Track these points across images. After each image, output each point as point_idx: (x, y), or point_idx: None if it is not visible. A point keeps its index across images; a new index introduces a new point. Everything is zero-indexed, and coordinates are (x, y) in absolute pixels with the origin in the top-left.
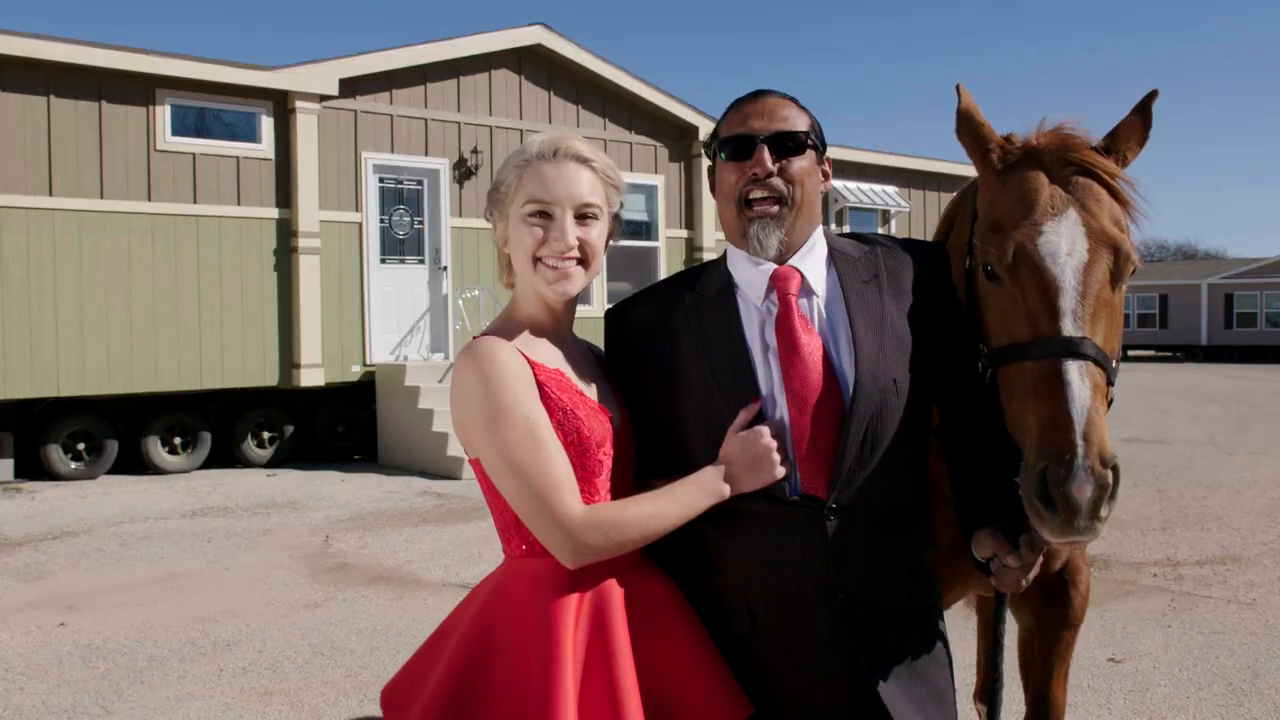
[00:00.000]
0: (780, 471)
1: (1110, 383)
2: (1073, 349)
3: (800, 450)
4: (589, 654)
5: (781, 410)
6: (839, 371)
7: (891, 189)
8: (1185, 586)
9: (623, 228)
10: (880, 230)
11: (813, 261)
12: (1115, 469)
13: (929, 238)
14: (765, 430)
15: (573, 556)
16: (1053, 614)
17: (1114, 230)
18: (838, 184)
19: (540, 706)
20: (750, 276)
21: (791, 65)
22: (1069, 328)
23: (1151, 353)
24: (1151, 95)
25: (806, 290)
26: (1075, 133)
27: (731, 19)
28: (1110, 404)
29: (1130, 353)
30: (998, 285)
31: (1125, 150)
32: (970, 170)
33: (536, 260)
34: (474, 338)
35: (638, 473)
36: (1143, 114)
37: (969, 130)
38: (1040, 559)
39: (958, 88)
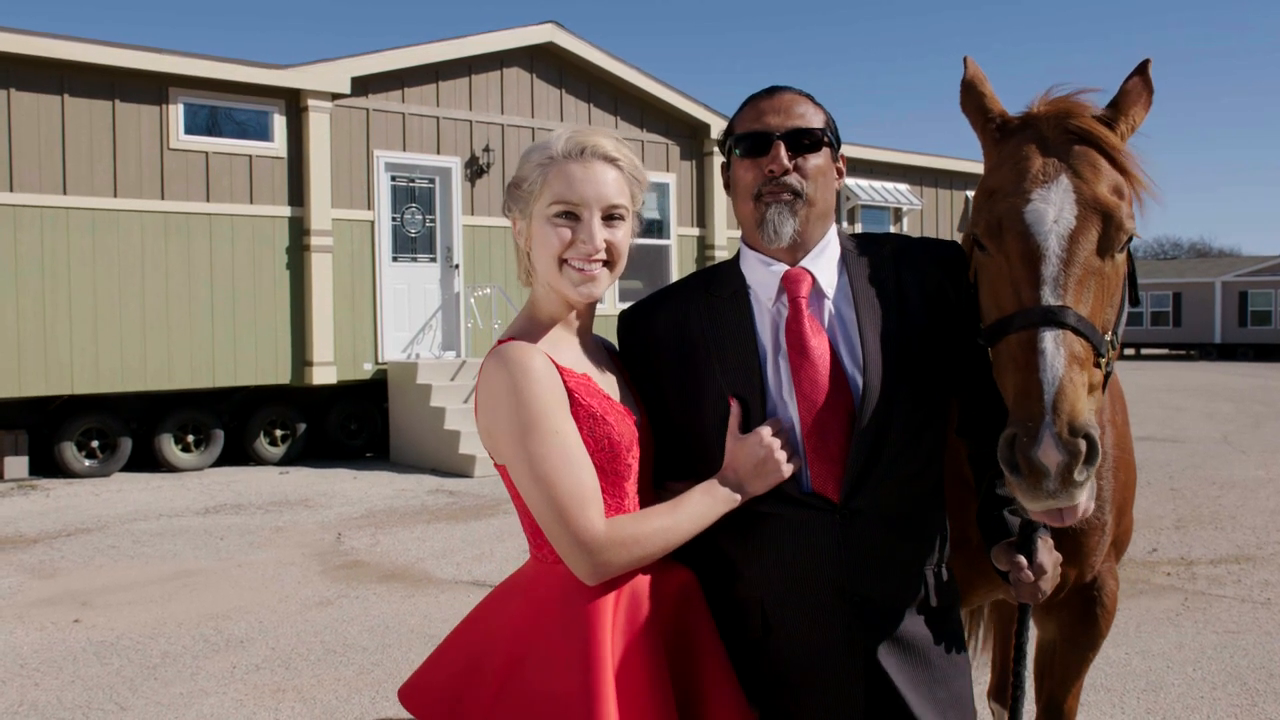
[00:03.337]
0: (787, 470)
1: (1100, 353)
2: (1050, 318)
3: (810, 453)
4: (625, 655)
5: (791, 413)
6: (848, 375)
7: (903, 187)
8: (1199, 586)
9: (643, 223)
10: (892, 228)
11: (824, 262)
12: (1089, 438)
13: (940, 235)
14: (765, 431)
15: (592, 575)
16: (1078, 631)
17: (1109, 197)
18: (849, 182)
19: (584, 713)
20: (762, 277)
21: (803, 63)
22: (1048, 296)
23: (1165, 351)
24: (1146, 62)
25: (817, 292)
26: (1076, 100)
27: (743, 17)
28: (1108, 377)
29: (1143, 351)
30: (986, 256)
31: (1133, 114)
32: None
33: (562, 262)
34: (500, 341)
35: (656, 474)
36: (1144, 77)
37: (972, 102)
38: (1059, 573)
39: (965, 60)
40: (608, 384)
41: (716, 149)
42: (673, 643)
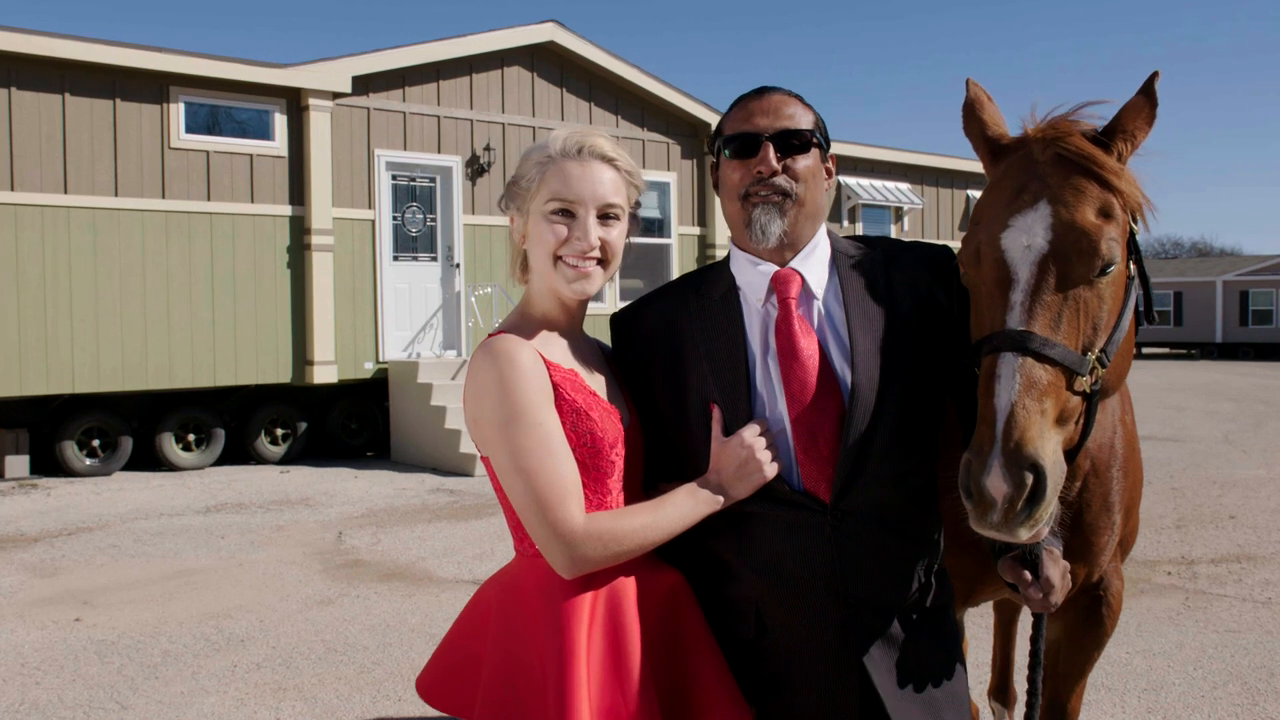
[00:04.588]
0: (770, 472)
1: (1077, 374)
2: (1013, 343)
3: (801, 453)
4: (604, 654)
5: (781, 413)
6: (838, 375)
7: (904, 186)
8: (1200, 585)
9: (640, 225)
10: (893, 228)
11: (814, 263)
12: (1037, 469)
13: (941, 235)
14: (747, 433)
15: (569, 567)
16: (1083, 630)
17: (1088, 221)
18: (850, 181)
19: (558, 709)
20: (751, 278)
21: (805, 62)
22: (1013, 321)
23: (1166, 350)
24: (1153, 76)
25: (807, 293)
26: (1071, 119)
27: (745, 15)
28: (1091, 398)
29: (1144, 350)
30: (970, 280)
31: (1134, 131)
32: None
33: (557, 259)
34: (490, 335)
35: (646, 474)
36: (1147, 94)
37: (973, 125)
38: (1069, 583)
39: (967, 82)
40: (596, 382)
41: (708, 147)
42: (660, 645)
